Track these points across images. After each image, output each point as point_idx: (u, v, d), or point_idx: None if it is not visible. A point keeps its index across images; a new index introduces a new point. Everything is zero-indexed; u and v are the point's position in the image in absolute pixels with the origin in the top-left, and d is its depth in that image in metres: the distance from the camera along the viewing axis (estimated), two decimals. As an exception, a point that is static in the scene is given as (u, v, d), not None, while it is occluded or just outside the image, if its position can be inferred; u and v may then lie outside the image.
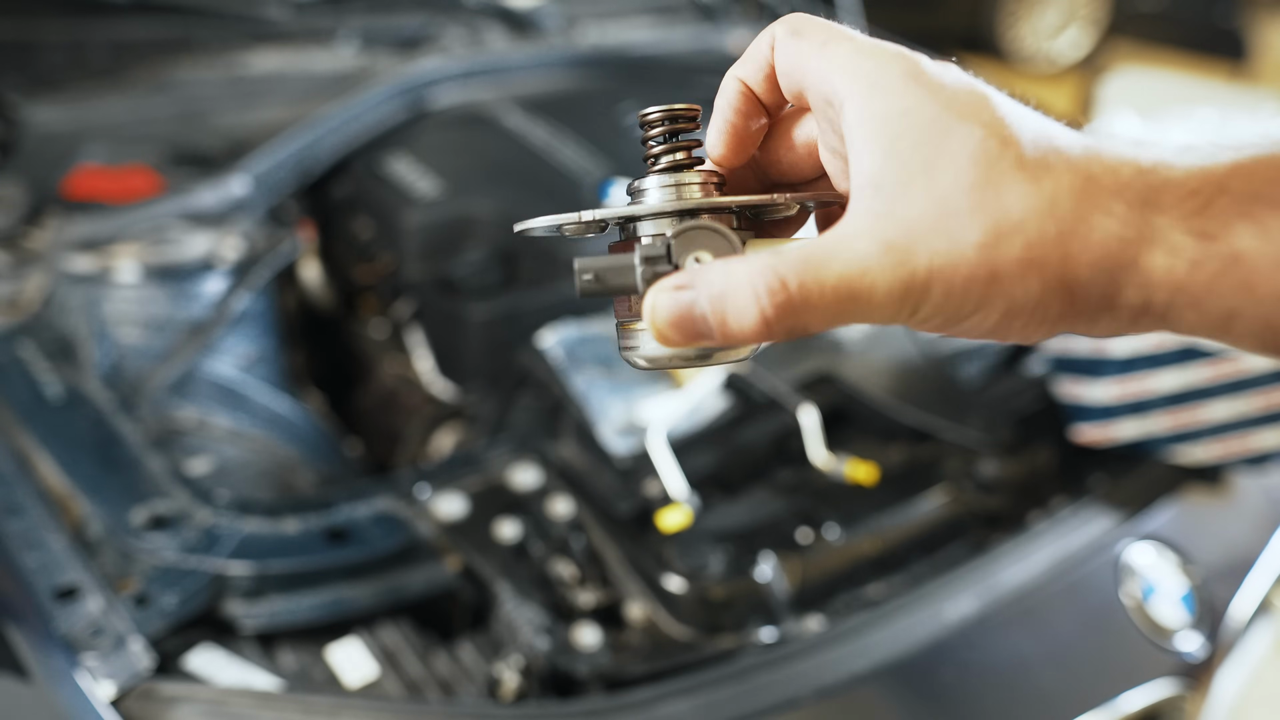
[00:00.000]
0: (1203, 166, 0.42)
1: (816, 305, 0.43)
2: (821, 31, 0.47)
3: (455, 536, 1.25)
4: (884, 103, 0.44)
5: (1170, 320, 0.43)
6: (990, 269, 0.42)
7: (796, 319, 0.43)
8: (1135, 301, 0.43)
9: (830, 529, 1.28)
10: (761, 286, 0.43)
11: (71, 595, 1.06)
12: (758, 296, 0.43)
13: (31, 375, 1.34)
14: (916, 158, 0.43)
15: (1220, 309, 0.42)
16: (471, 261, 1.69)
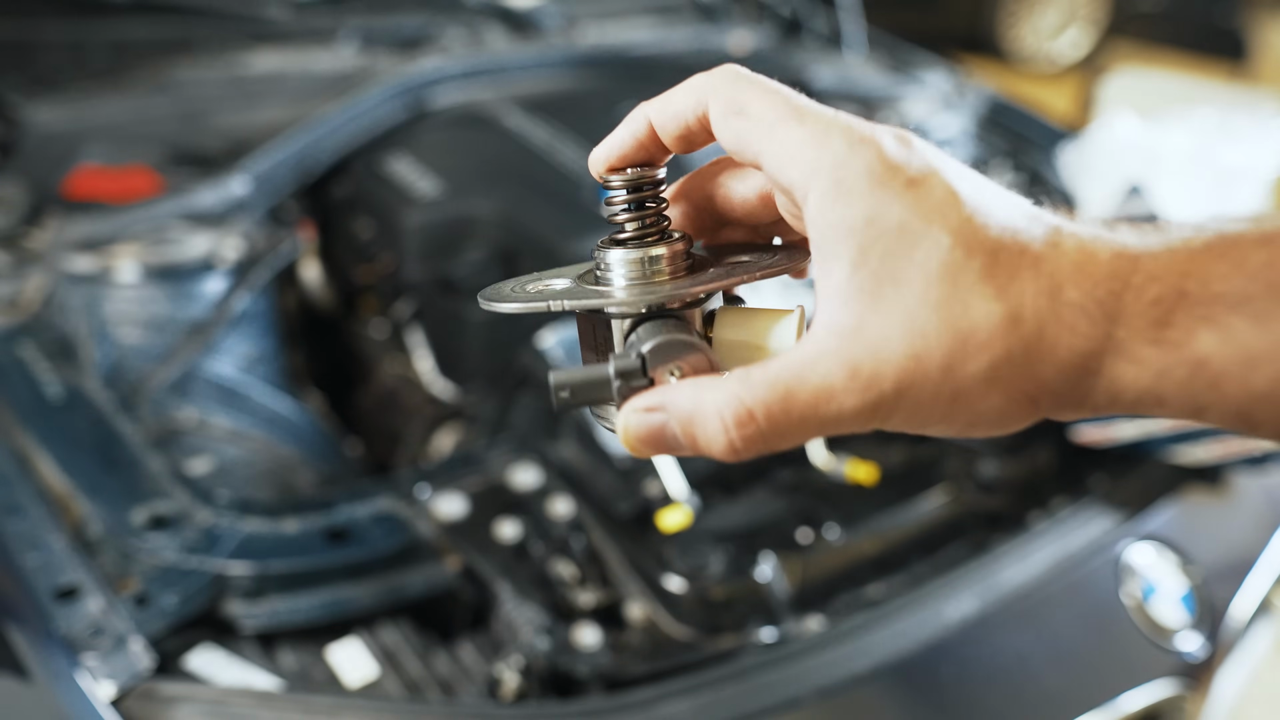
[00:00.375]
0: (1164, 265, 0.42)
1: (784, 432, 0.44)
2: (765, 108, 0.46)
3: (455, 536, 1.25)
4: (848, 210, 0.44)
5: (1141, 411, 0.44)
6: (955, 388, 0.43)
7: (765, 444, 0.45)
8: (1102, 402, 0.44)
9: (830, 529, 1.28)
10: (730, 417, 0.44)
11: (71, 595, 1.06)
12: (726, 427, 0.44)
13: (31, 375, 1.34)
14: (884, 270, 0.43)
15: (1189, 405, 0.43)
16: (471, 261, 1.69)
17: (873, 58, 2.54)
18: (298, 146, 1.81)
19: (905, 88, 2.30)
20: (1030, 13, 6.81)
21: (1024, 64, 6.81)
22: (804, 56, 2.43)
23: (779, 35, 2.62)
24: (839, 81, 2.27)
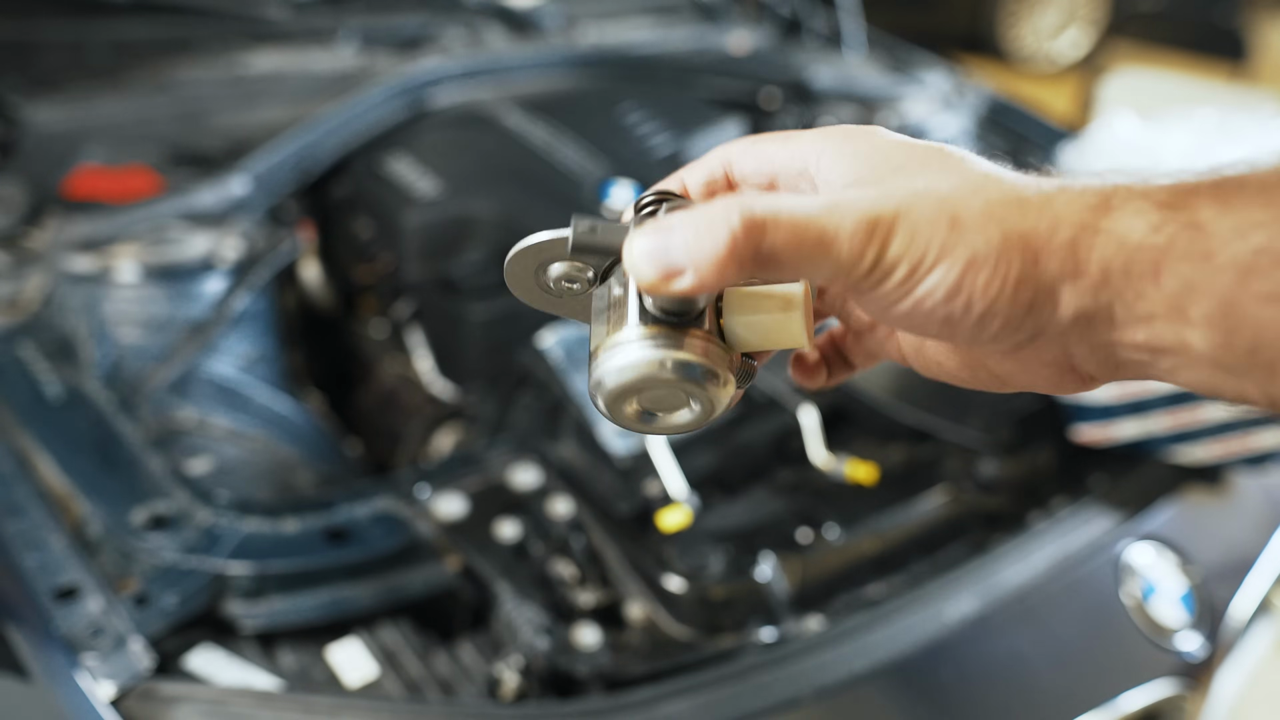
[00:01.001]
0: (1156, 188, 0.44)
1: (785, 230, 0.43)
2: (779, 132, 0.51)
3: (455, 536, 1.25)
4: (854, 145, 0.48)
5: (1128, 302, 0.43)
6: (953, 214, 0.43)
7: (763, 242, 0.43)
8: (1095, 271, 0.42)
9: (830, 529, 1.28)
10: (734, 213, 0.43)
11: (71, 595, 1.06)
12: (729, 220, 0.43)
13: (31, 375, 1.34)
14: (887, 165, 0.47)
15: (1177, 283, 0.41)
16: (471, 261, 1.69)
17: (873, 58, 2.54)
18: (298, 146, 1.81)
19: (905, 88, 2.30)
20: (1030, 13, 6.81)
21: (1024, 64, 6.81)
22: (804, 56, 2.43)
23: (779, 35, 2.62)
24: (839, 81, 2.27)
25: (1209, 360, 0.42)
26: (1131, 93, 4.24)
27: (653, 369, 0.46)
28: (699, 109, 2.09)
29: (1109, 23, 6.45)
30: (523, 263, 0.51)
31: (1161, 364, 0.44)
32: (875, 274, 0.44)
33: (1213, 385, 0.43)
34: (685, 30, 2.51)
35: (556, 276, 0.51)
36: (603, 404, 0.48)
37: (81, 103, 1.85)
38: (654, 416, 0.50)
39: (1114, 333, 0.44)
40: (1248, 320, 0.40)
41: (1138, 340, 0.43)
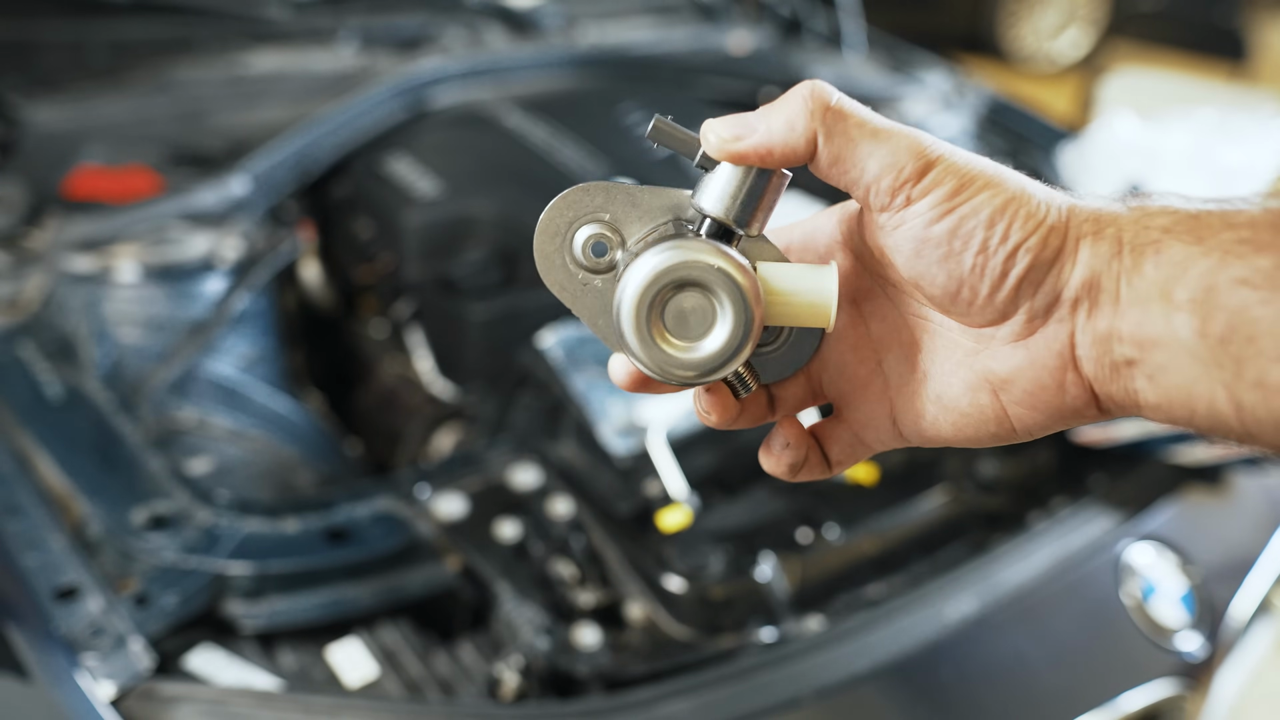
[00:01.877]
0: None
1: (851, 117, 0.48)
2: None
3: (455, 536, 1.25)
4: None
5: (1130, 278, 0.45)
6: (997, 171, 0.48)
7: (834, 120, 0.48)
8: (1109, 237, 0.46)
9: (830, 529, 1.28)
10: (806, 91, 0.48)
11: (71, 595, 1.06)
12: (801, 91, 0.48)
13: (31, 375, 1.34)
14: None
15: (1169, 263, 0.44)
16: (471, 261, 1.69)
17: (873, 58, 2.54)
18: (298, 146, 1.81)
19: (905, 88, 2.30)
20: (1030, 13, 6.81)
21: (1024, 64, 6.81)
22: (804, 56, 2.43)
23: (779, 35, 2.62)
24: (839, 81, 2.26)
25: (1188, 352, 0.43)
26: (1131, 93, 4.24)
27: (692, 260, 0.47)
28: (699, 109, 2.09)
29: (1109, 23, 6.45)
30: (561, 215, 0.51)
31: (1151, 360, 0.45)
32: (922, 184, 0.47)
33: (1190, 392, 0.44)
34: (685, 30, 2.51)
35: (586, 241, 0.51)
36: (631, 304, 0.48)
37: (81, 103, 1.85)
38: (676, 341, 0.49)
39: (1114, 318, 0.46)
40: (1222, 304, 0.42)
41: (1131, 328, 0.45)
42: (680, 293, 0.48)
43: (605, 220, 0.51)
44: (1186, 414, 0.45)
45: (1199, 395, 0.44)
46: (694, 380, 0.49)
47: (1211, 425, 0.45)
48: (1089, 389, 0.48)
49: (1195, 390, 0.44)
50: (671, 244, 0.48)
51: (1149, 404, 0.46)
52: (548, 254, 0.52)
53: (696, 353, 0.49)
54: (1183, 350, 0.44)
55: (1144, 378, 0.46)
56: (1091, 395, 0.48)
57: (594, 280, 0.52)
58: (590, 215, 0.51)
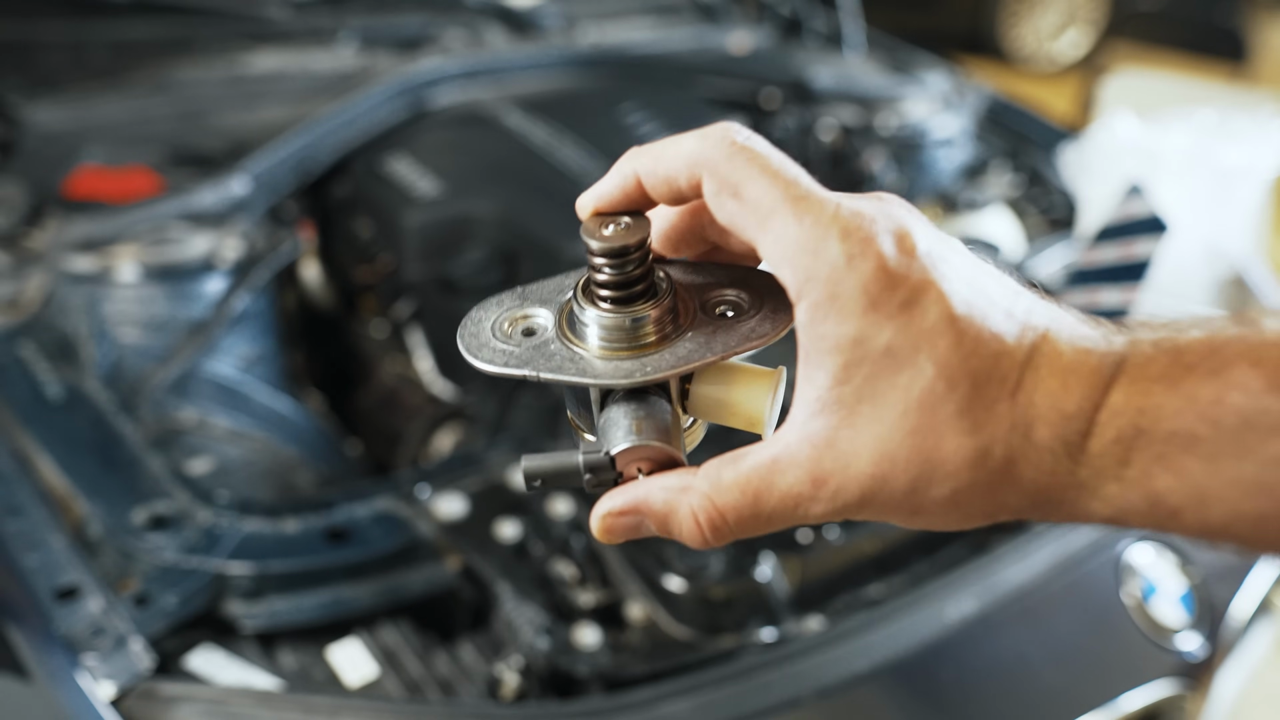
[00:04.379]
0: (1124, 398, 0.44)
1: (752, 529, 0.48)
2: (761, 194, 0.45)
3: (455, 536, 1.25)
4: (838, 328, 0.44)
5: (1105, 525, 0.46)
6: (916, 505, 0.46)
7: (735, 537, 0.48)
8: (1064, 520, 0.46)
9: (830, 529, 1.28)
10: (703, 519, 0.48)
11: (72, 595, 1.06)
12: (699, 526, 0.48)
13: (31, 375, 1.34)
14: (865, 388, 0.44)
15: (1152, 528, 0.45)
16: (471, 261, 1.69)
17: (873, 58, 2.54)
18: (298, 146, 1.81)
19: (905, 88, 2.30)
20: (1030, 13, 6.81)
21: (1024, 64, 6.81)
22: (804, 56, 2.43)
23: (779, 35, 2.62)
24: (839, 81, 2.27)
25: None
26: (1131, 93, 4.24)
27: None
28: (699, 109, 2.09)
29: (1109, 23, 6.45)
30: (476, 328, 0.54)
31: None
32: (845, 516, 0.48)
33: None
34: (685, 30, 2.51)
35: (511, 328, 0.53)
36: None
37: (81, 103, 1.85)
38: None
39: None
40: (1227, 544, 0.44)
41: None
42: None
43: (518, 312, 0.53)
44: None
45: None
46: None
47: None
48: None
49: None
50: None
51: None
52: (479, 348, 0.52)
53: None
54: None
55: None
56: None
57: (532, 343, 0.52)
58: (503, 312, 0.53)
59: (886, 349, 0.44)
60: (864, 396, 0.44)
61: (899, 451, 0.44)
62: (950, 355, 0.44)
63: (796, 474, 0.46)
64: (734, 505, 0.47)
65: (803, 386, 0.46)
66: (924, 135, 2.17)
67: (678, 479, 0.49)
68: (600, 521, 0.50)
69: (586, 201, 0.51)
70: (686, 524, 0.48)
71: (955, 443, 0.44)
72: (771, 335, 0.50)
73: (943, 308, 0.44)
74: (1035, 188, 2.15)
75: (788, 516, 0.47)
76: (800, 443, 0.46)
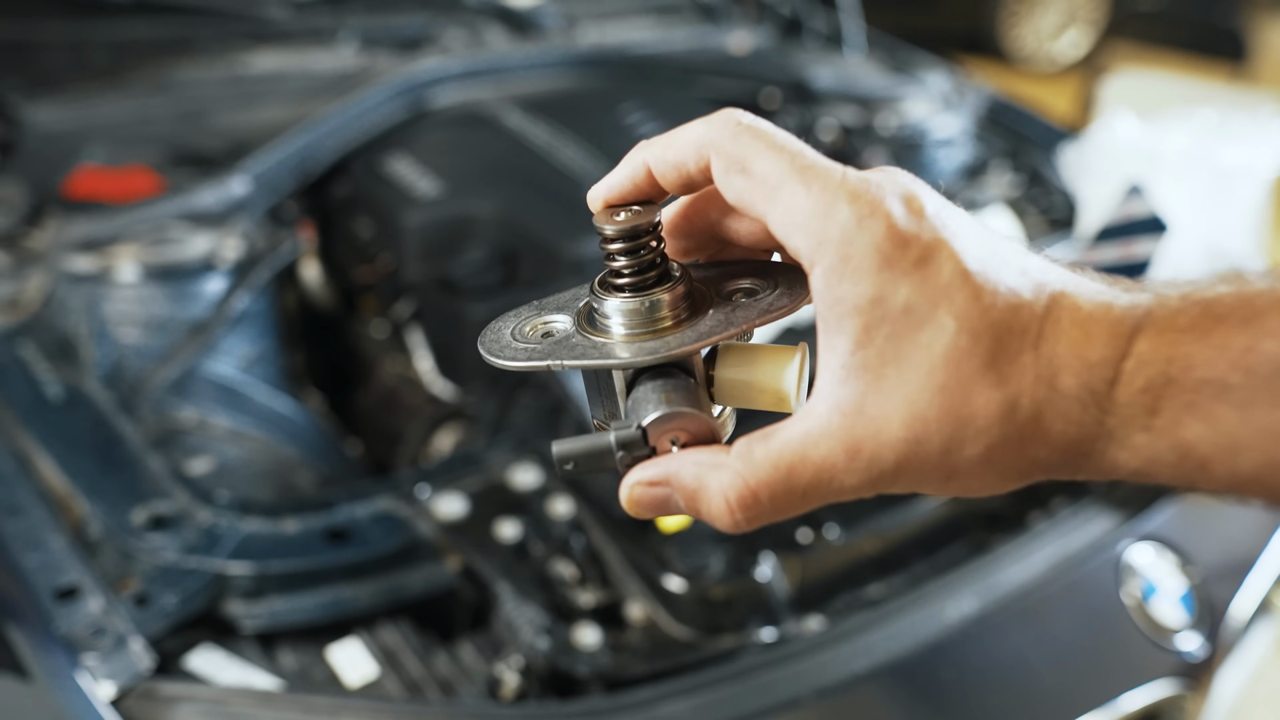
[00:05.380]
0: (1152, 347, 0.43)
1: (786, 508, 0.47)
2: (769, 168, 0.46)
3: (455, 536, 1.25)
4: (855, 288, 0.44)
5: (1135, 479, 0.46)
6: (951, 467, 0.45)
7: (768, 519, 0.47)
8: (1094, 474, 0.46)
9: (830, 529, 1.28)
10: (734, 498, 0.46)
11: (72, 595, 1.06)
12: (730, 507, 0.46)
13: (31, 375, 1.34)
14: (888, 349, 0.44)
15: (1179, 481, 0.44)
16: (471, 261, 1.69)
17: (873, 58, 2.54)
18: (298, 146, 1.81)
19: (905, 88, 2.30)
20: (1030, 13, 6.81)
21: (1024, 64, 6.81)
22: (804, 56, 2.43)
23: (779, 35, 2.62)
24: (839, 81, 2.27)
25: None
26: (1131, 93, 4.23)
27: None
28: (699, 109, 2.09)
29: (1109, 23, 6.45)
30: (498, 333, 0.53)
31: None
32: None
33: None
34: (685, 30, 2.51)
35: (531, 331, 0.53)
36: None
37: (81, 103, 1.85)
38: None
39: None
40: (1255, 496, 0.44)
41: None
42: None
43: (536, 319, 0.54)
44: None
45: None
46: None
47: None
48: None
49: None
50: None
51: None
52: (500, 349, 0.52)
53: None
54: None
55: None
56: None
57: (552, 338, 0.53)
58: (521, 321, 0.53)
59: (905, 307, 0.44)
60: (888, 359, 0.44)
61: (929, 411, 0.44)
62: (969, 309, 0.43)
63: (829, 444, 0.45)
64: (767, 482, 0.46)
65: (825, 356, 0.46)
66: (924, 135, 2.17)
67: (710, 456, 0.47)
68: (629, 491, 0.48)
69: (598, 193, 0.52)
70: (716, 503, 0.47)
71: (984, 397, 0.44)
72: (790, 307, 0.50)
73: (956, 264, 0.44)
74: (1035, 188, 2.15)
75: (822, 490, 0.46)
76: (830, 412, 0.45)
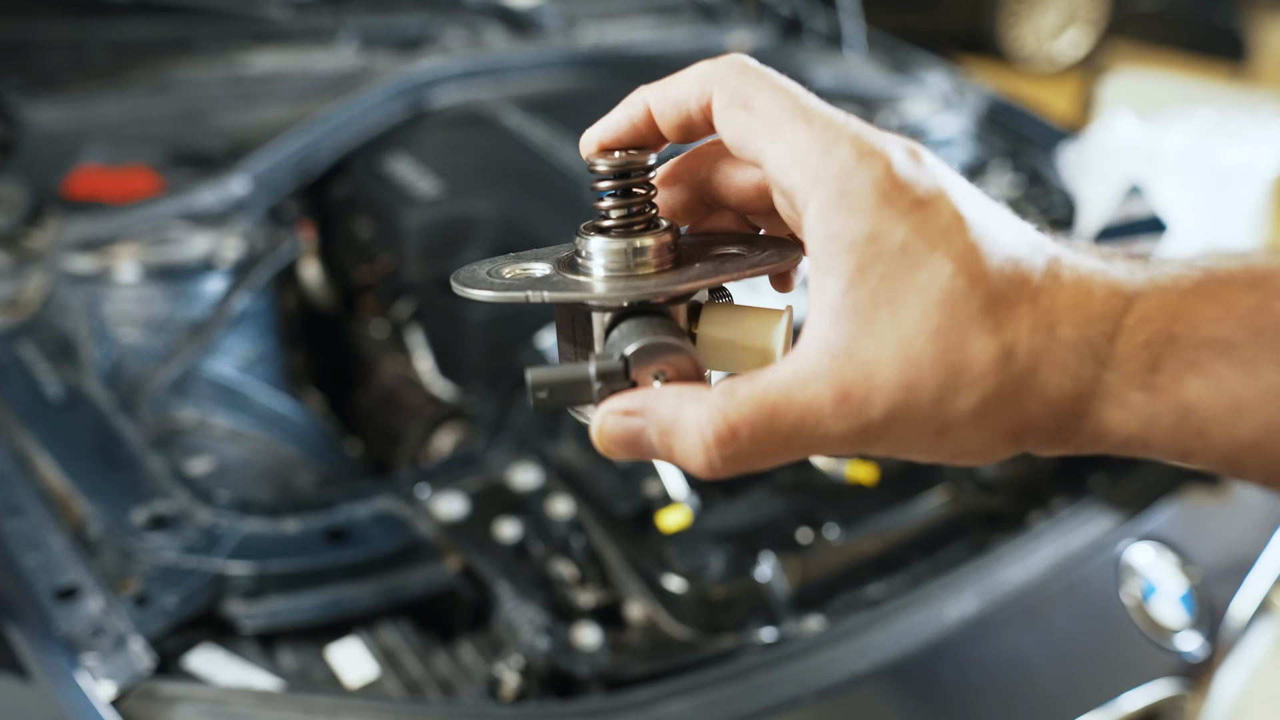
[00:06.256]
0: (1155, 305, 0.42)
1: (766, 452, 0.44)
2: (771, 104, 0.44)
3: (455, 536, 1.25)
4: (850, 224, 0.42)
5: (1126, 453, 0.44)
6: (943, 420, 0.43)
7: (745, 464, 0.44)
8: (1087, 441, 0.44)
9: (830, 529, 1.28)
10: (710, 433, 0.43)
11: (71, 595, 1.06)
12: (705, 444, 0.43)
13: (31, 375, 1.34)
14: (882, 290, 0.42)
15: (1175, 450, 0.43)
16: (471, 261, 1.68)
17: (873, 58, 2.54)
18: (298, 146, 1.81)
19: (905, 88, 2.30)
20: (1030, 13, 6.81)
21: (1024, 64, 6.81)
22: (804, 56, 2.43)
23: (779, 35, 2.62)
24: (839, 81, 2.27)
25: None
26: (1131, 93, 4.24)
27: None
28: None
29: (1109, 23, 6.45)
30: (474, 271, 0.53)
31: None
32: (859, 453, 0.45)
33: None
34: (685, 30, 2.51)
35: (509, 270, 0.52)
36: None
37: (81, 103, 1.85)
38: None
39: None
40: (1251, 467, 0.42)
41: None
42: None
43: (514, 264, 0.52)
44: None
45: None
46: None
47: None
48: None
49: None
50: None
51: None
52: (475, 283, 0.51)
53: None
54: None
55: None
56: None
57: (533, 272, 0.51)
58: (498, 264, 0.52)
59: (902, 246, 0.42)
60: (880, 300, 0.42)
61: (923, 356, 0.42)
62: (969, 253, 0.42)
63: (817, 386, 0.42)
64: (749, 419, 0.43)
65: (815, 298, 0.43)
66: (924, 135, 2.17)
67: (690, 389, 0.44)
68: (601, 420, 0.45)
69: (592, 136, 0.50)
70: (691, 438, 0.43)
71: (980, 343, 0.42)
72: (780, 263, 0.48)
73: (955, 211, 0.43)
74: (1035, 188, 2.15)
75: (807, 437, 0.43)
76: (819, 354, 0.43)
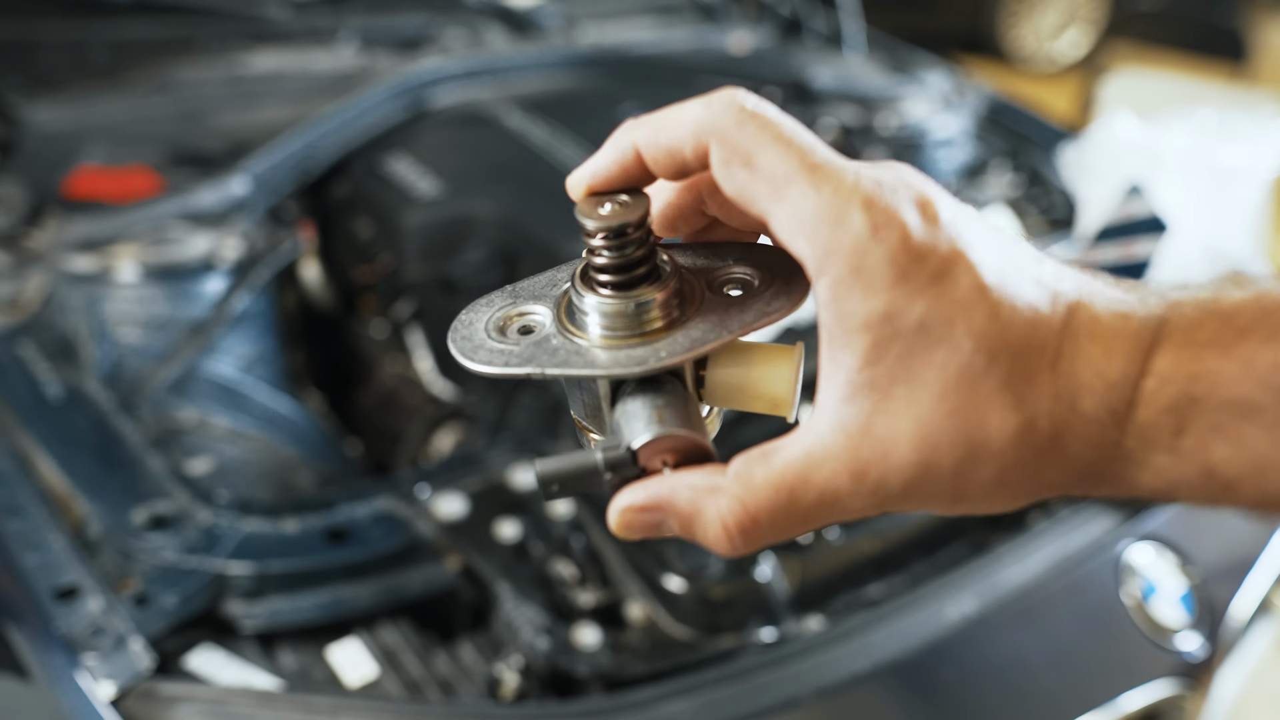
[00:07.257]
0: (1173, 364, 0.41)
1: (786, 531, 0.44)
2: (775, 163, 0.42)
3: (455, 536, 1.25)
4: (866, 302, 0.41)
5: (1152, 498, 0.46)
6: (960, 490, 0.43)
7: (767, 543, 0.44)
8: (1110, 493, 0.44)
9: (830, 529, 1.28)
10: (732, 524, 0.43)
11: (71, 595, 1.06)
12: (729, 533, 0.43)
13: (31, 375, 1.34)
14: (899, 368, 0.41)
15: (1202, 501, 0.43)
16: (471, 261, 1.69)
17: (873, 58, 2.54)
18: (298, 146, 1.81)
19: (905, 88, 2.30)
20: (1030, 13, 6.81)
21: (1024, 64, 6.81)
22: (804, 56, 2.43)
23: (779, 35, 2.62)
24: (839, 81, 2.27)
25: None
26: (1131, 93, 4.24)
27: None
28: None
29: (1109, 23, 6.45)
30: (469, 327, 0.49)
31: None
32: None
33: None
34: (685, 30, 2.51)
35: (507, 327, 0.49)
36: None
37: (81, 103, 1.86)
38: None
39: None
40: None
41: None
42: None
43: (512, 310, 0.49)
44: None
45: None
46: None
47: None
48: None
49: None
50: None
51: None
52: (473, 350, 0.47)
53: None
54: None
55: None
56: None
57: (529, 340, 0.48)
58: (496, 312, 0.49)
59: (919, 324, 0.41)
60: (897, 377, 0.41)
61: (940, 435, 0.41)
62: (987, 327, 0.41)
63: (833, 466, 0.42)
64: (767, 506, 0.43)
65: (828, 370, 0.43)
66: (924, 135, 2.17)
67: (705, 478, 0.44)
68: (619, 516, 0.45)
69: (580, 179, 0.47)
70: (713, 529, 0.43)
71: (1000, 419, 0.41)
72: (789, 309, 0.46)
73: (974, 278, 0.41)
74: (1035, 188, 2.15)
75: (825, 514, 0.43)
76: (834, 432, 0.42)
